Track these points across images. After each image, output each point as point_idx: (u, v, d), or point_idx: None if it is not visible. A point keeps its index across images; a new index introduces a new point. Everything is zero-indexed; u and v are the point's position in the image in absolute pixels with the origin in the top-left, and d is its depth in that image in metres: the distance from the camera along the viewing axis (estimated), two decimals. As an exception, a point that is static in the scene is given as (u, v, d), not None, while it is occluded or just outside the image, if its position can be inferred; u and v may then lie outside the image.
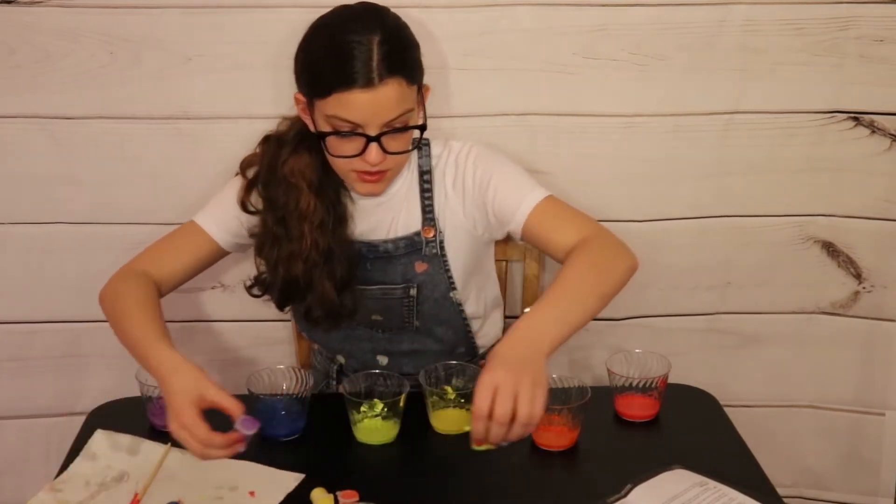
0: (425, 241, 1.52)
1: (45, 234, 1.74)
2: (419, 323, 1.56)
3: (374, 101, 1.35)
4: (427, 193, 1.52)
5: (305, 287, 1.49)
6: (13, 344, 1.82)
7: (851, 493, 2.02)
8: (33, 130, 1.67)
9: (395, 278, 1.53)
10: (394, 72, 1.35)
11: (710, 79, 1.70)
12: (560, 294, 1.32)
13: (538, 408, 1.19)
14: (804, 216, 1.81)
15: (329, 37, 1.39)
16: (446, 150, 1.54)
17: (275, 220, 1.48)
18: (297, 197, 1.47)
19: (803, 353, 1.92)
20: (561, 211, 1.49)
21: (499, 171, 1.51)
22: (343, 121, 1.37)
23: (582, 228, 1.45)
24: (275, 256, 1.49)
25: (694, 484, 1.27)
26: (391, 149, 1.40)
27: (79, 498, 1.29)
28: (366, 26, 1.37)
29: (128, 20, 1.61)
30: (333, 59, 1.36)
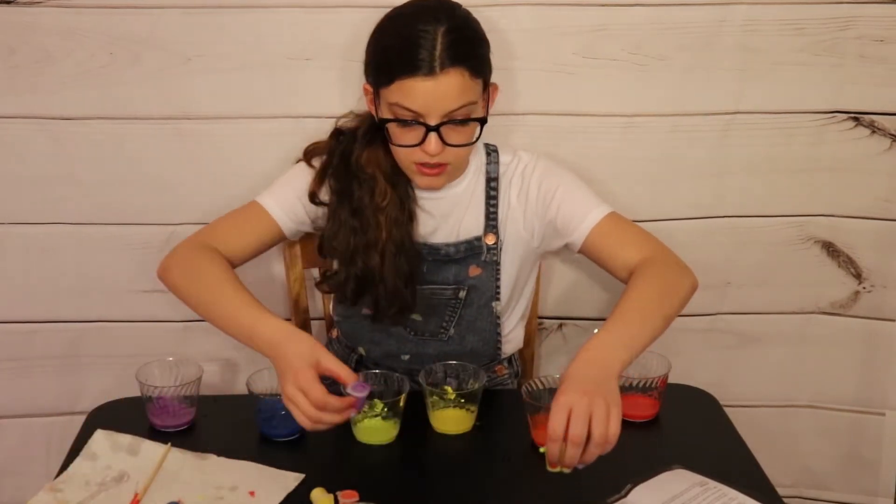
0: (486, 247, 1.54)
1: (45, 234, 1.74)
2: (454, 331, 1.57)
3: (436, 90, 1.36)
4: (493, 200, 1.54)
5: (380, 279, 1.49)
6: (13, 344, 1.82)
7: (851, 493, 2.02)
8: (33, 130, 1.67)
9: (448, 279, 1.55)
10: (457, 62, 1.36)
11: (710, 79, 1.70)
12: (628, 316, 1.33)
13: (613, 428, 1.19)
14: (804, 216, 1.81)
15: (398, 26, 1.41)
16: (515, 159, 1.56)
17: (349, 212, 1.49)
18: (373, 188, 1.48)
19: (803, 353, 1.92)
20: (624, 228, 1.51)
21: (564, 184, 1.53)
22: (404, 109, 1.39)
23: (644, 247, 1.47)
24: (351, 248, 1.49)
25: (694, 484, 1.27)
26: (451, 140, 1.41)
27: (79, 498, 1.29)
28: (434, 17, 1.38)
29: (128, 20, 1.61)
30: (399, 47, 1.38)
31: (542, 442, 1.39)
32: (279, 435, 1.42)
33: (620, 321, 1.32)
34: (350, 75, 1.65)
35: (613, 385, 1.23)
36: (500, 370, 1.66)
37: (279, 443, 1.42)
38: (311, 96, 1.67)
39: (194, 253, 1.47)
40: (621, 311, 1.34)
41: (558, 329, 1.89)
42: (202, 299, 1.42)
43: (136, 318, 1.81)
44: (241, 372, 1.84)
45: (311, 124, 1.68)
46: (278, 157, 1.70)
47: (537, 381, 1.44)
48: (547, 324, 1.88)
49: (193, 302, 1.44)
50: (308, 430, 1.27)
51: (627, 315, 1.34)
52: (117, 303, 1.80)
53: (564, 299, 1.86)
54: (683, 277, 1.45)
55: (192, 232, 1.73)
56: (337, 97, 1.66)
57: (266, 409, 1.42)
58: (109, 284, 1.78)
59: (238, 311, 1.36)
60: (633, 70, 1.68)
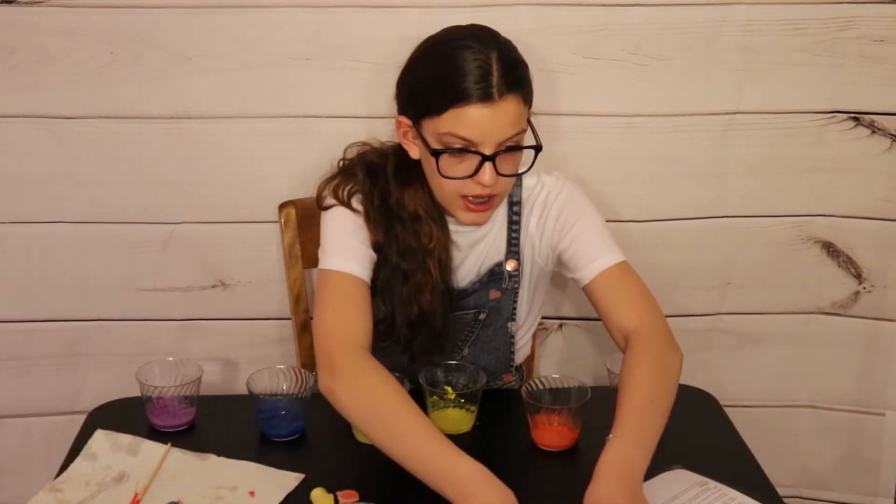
0: (507, 274, 1.52)
1: (45, 234, 1.74)
2: (468, 351, 1.56)
3: (494, 117, 1.32)
4: (515, 226, 1.51)
5: (431, 321, 1.46)
6: (13, 344, 1.82)
7: (851, 493, 2.02)
8: (34, 130, 1.67)
9: (468, 304, 1.53)
10: (512, 88, 1.33)
11: (710, 79, 1.70)
12: (639, 417, 1.28)
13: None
14: (804, 216, 1.81)
15: (444, 54, 1.36)
16: (539, 184, 1.51)
17: (398, 256, 1.44)
18: (417, 230, 1.44)
19: (803, 353, 1.91)
20: (628, 284, 1.46)
21: (583, 219, 1.49)
22: (458, 138, 1.33)
23: (641, 313, 1.43)
24: (405, 292, 1.45)
25: (694, 484, 1.27)
26: (503, 170, 1.37)
27: (79, 498, 1.29)
28: (483, 43, 1.34)
29: (128, 20, 1.61)
30: (451, 74, 1.32)
31: (542, 442, 1.40)
32: (279, 435, 1.42)
33: (634, 425, 1.27)
34: (350, 75, 1.65)
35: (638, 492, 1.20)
36: (507, 378, 1.65)
37: (279, 443, 1.42)
38: (311, 96, 1.67)
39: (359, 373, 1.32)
40: (631, 410, 1.28)
41: (558, 329, 1.89)
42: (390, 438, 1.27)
43: (135, 318, 1.81)
44: (241, 372, 1.84)
45: (311, 124, 1.68)
46: (278, 156, 1.70)
47: (537, 381, 1.44)
48: (547, 324, 1.88)
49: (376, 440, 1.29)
50: None
51: (637, 414, 1.28)
52: (117, 302, 1.80)
53: (564, 299, 1.86)
54: (675, 357, 1.39)
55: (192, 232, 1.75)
56: (337, 97, 1.67)
57: (266, 409, 1.42)
58: (109, 284, 1.78)
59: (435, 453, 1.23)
60: (633, 70, 1.68)
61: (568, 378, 1.44)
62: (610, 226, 1.53)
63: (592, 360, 1.87)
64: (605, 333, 1.86)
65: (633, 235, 1.76)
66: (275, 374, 1.47)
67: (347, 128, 1.65)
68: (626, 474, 1.21)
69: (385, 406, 1.28)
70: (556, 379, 1.44)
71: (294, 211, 1.67)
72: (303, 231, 1.67)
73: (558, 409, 1.39)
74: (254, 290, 1.80)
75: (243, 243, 1.76)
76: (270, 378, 1.46)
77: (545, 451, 1.39)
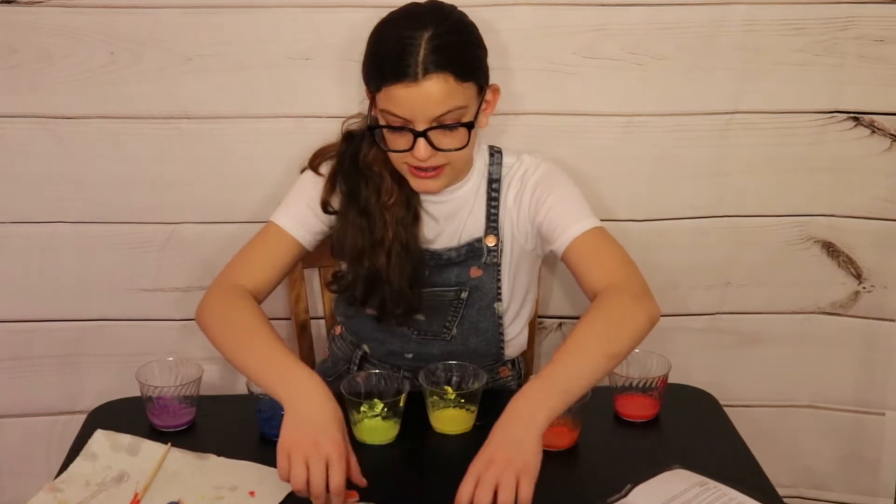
0: (487, 249, 1.53)
1: (45, 234, 1.74)
2: (456, 332, 1.57)
3: (418, 96, 1.36)
4: (494, 202, 1.54)
5: (386, 279, 1.49)
6: (13, 343, 1.82)
7: (851, 493, 2.02)
8: (34, 130, 1.67)
9: (449, 280, 1.55)
10: (440, 67, 1.36)
11: (710, 79, 1.70)
12: (567, 360, 1.31)
13: (523, 495, 1.17)
14: (804, 216, 1.81)
15: (386, 32, 1.42)
16: (518, 161, 1.55)
17: (357, 212, 1.49)
18: (379, 186, 1.49)
19: (803, 353, 1.91)
20: (601, 247, 1.47)
21: (558, 191, 1.51)
22: (392, 115, 1.39)
23: (613, 273, 1.43)
24: (359, 248, 1.49)
25: (694, 484, 1.27)
26: (441, 145, 1.41)
27: (79, 498, 1.29)
28: (421, 22, 1.38)
29: (128, 20, 1.61)
30: (385, 54, 1.39)
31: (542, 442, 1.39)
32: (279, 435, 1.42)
33: (559, 364, 1.30)
34: (350, 75, 1.65)
35: (531, 446, 1.21)
36: (503, 372, 1.65)
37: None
38: (311, 96, 1.67)
39: (224, 299, 1.45)
40: (561, 354, 1.31)
41: (558, 329, 1.89)
42: (235, 350, 1.38)
43: (135, 318, 1.81)
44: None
45: (311, 124, 1.68)
46: (278, 156, 1.70)
47: None
48: (547, 323, 1.88)
49: (225, 351, 1.40)
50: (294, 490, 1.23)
51: (567, 358, 1.31)
52: (117, 302, 1.80)
53: (564, 299, 1.86)
54: (637, 310, 1.38)
55: (191, 232, 1.75)
56: (337, 97, 1.67)
57: (266, 409, 1.42)
58: (109, 284, 1.79)
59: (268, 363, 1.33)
60: (632, 70, 1.68)
61: (568, 378, 1.44)
62: (609, 225, 1.53)
63: (592, 360, 1.87)
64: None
65: (632, 235, 1.76)
66: (275, 374, 1.46)
67: (347, 128, 1.65)
68: (519, 428, 1.23)
69: (237, 319, 1.40)
70: (555, 379, 1.44)
71: (294, 211, 1.67)
72: (303, 231, 1.67)
73: (558, 408, 1.38)
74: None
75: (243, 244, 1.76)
76: (270, 378, 1.46)
77: (546, 450, 1.39)
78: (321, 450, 1.22)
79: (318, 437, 1.23)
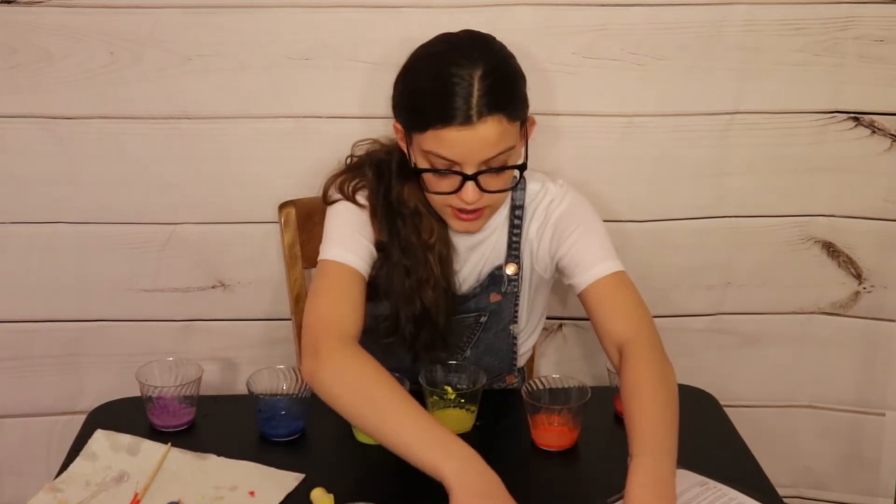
0: (507, 278, 1.52)
1: (45, 234, 1.74)
2: (470, 353, 1.56)
3: (472, 140, 1.31)
4: (516, 230, 1.51)
5: (435, 318, 1.46)
6: (13, 344, 1.82)
7: (851, 493, 2.02)
8: (34, 130, 1.67)
9: (469, 307, 1.53)
10: (494, 109, 1.31)
11: (710, 79, 1.70)
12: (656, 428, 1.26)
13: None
14: (804, 216, 1.81)
15: (430, 69, 1.35)
16: (543, 190, 1.51)
17: (400, 251, 1.44)
18: (418, 225, 1.44)
19: (803, 353, 1.92)
20: (623, 294, 1.43)
21: (582, 228, 1.47)
22: (439, 158, 1.34)
23: (634, 324, 1.40)
24: (406, 288, 1.44)
25: (694, 484, 1.27)
26: (489, 187, 1.36)
27: (79, 498, 1.29)
28: (469, 59, 1.32)
29: (128, 20, 1.61)
30: (433, 94, 1.32)
31: (542, 442, 1.40)
32: (279, 435, 1.42)
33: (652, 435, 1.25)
34: (350, 75, 1.65)
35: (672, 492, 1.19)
36: (509, 380, 1.65)
37: (279, 443, 1.42)
38: (311, 96, 1.67)
39: (345, 359, 1.32)
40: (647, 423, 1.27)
41: (558, 329, 1.89)
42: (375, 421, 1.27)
43: (136, 318, 1.81)
44: (241, 372, 1.84)
45: (311, 124, 1.68)
46: (278, 156, 1.70)
47: (537, 381, 1.44)
48: (547, 324, 1.88)
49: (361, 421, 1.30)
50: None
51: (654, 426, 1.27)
52: (117, 302, 1.80)
53: (564, 299, 1.86)
54: (670, 369, 1.36)
55: (191, 232, 1.74)
56: (337, 97, 1.67)
57: (266, 409, 1.42)
58: (109, 284, 1.78)
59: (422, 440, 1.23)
60: (632, 70, 1.68)
61: (568, 378, 1.44)
62: (609, 226, 1.53)
63: (592, 360, 1.87)
64: (605, 333, 1.87)
65: (632, 235, 1.76)
66: (275, 374, 1.47)
67: (347, 128, 1.65)
68: (660, 490, 1.19)
69: (372, 388, 1.28)
70: (556, 379, 1.45)
71: (294, 211, 1.67)
72: (303, 231, 1.67)
73: (558, 409, 1.39)
74: (254, 291, 1.80)
75: (243, 244, 1.76)
76: (270, 378, 1.46)
77: (545, 451, 1.39)
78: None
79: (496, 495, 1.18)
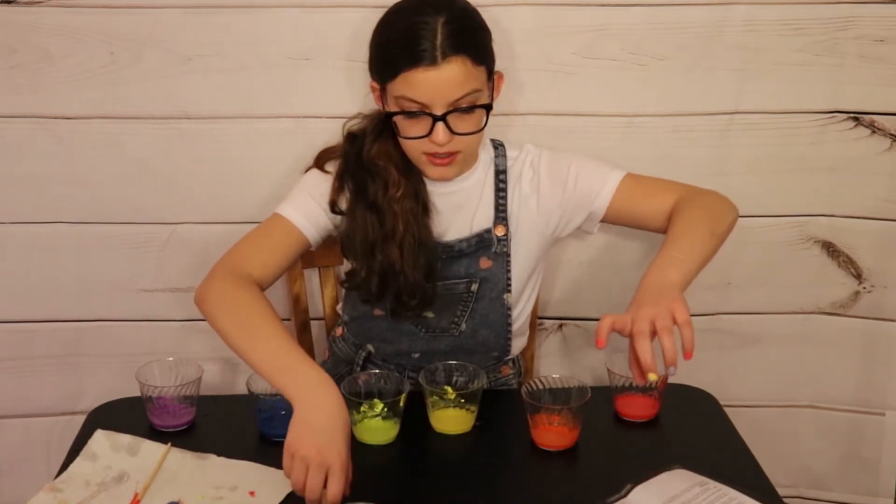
0: (496, 239, 1.54)
1: (45, 234, 1.74)
2: (465, 326, 1.57)
3: (438, 80, 1.37)
4: (502, 193, 1.55)
5: (401, 272, 1.49)
6: (13, 344, 1.82)
7: (851, 493, 2.02)
8: (34, 130, 1.67)
9: (459, 272, 1.55)
10: (458, 50, 1.37)
11: (710, 79, 1.70)
12: (677, 241, 1.41)
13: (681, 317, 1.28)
14: (804, 216, 1.81)
15: (398, 20, 1.42)
16: (522, 152, 1.58)
17: (366, 207, 1.49)
18: (386, 179, 1.49)
19: (803, 353, 1.91)
20: (647, 181, 1.56)
21: (576, 160, 1.56)
22: (410, 101, 1.40)
23: (675, 190, 1.54)
24: (370, 242, 1.49)
25: (694, 484, 1.27)
26: (458, 129, 1.42)
27: (79, 498, 1.29)
28: (433, 8, 1.39)
29: (128, 20, 1.61)
30: (400, 40, 1.39)
31: (542, 442, 1.40)
32: (279, 435, 1.41)
33: (671, 246, 1.39)
34: (350, 75, 1.65)
35: (675, 293, 1.31)
36: (504, 370, 1.66)
37: (279, 443, 1.41)
38: (311, 96, 1.67)
39: (230, 283, 1.43)
40: (670, 240, 1.41)
41: (558, 329, 1.89)
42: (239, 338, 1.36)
43: (135, 318, 1.81)
44: (241, 372, 1.83)
45: (311, 124, 1.68)
46: (278, 156, 1.70)
47: (537, 381, 1.44)
48: (547, 324, 1.88)
49: (230, 339, 1.38)
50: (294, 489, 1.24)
51: (677, 239, 1.41)
52: (117, 302, 1.80)
53: (564, 299, 1.86)
54: (723, 199, 1.52)
55: (192, 232, 1.75)
56: (337, 97, 1.67)
57: (266, 409, 1.42)
58: (109, 284, 1.79)
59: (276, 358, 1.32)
60: (633, 70, 1.68)
61: (568, 378, 1.44)
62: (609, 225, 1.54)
63: (592, 360, 1.87)
64: (605, 333, 1.87)
65: (632, 236, 1.76)
66: (275, 374, 1.46)
67: (347, 128, 1.65)
68: (656, 288, 1.32)
69: (247, 314, 1.37)
70: (556, 379, 1.44)
71: (294, 211, 1.67)
72: (303, 231, 1.67)
73: (558, 409, 1.39)
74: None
75: (243, 243, 1.76)
76: (270, 378, 1.46)
77: (545, 451, 1.39)
78: (324, 458, 1.22)
79: (323, 444, 1.23)
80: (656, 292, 1.31)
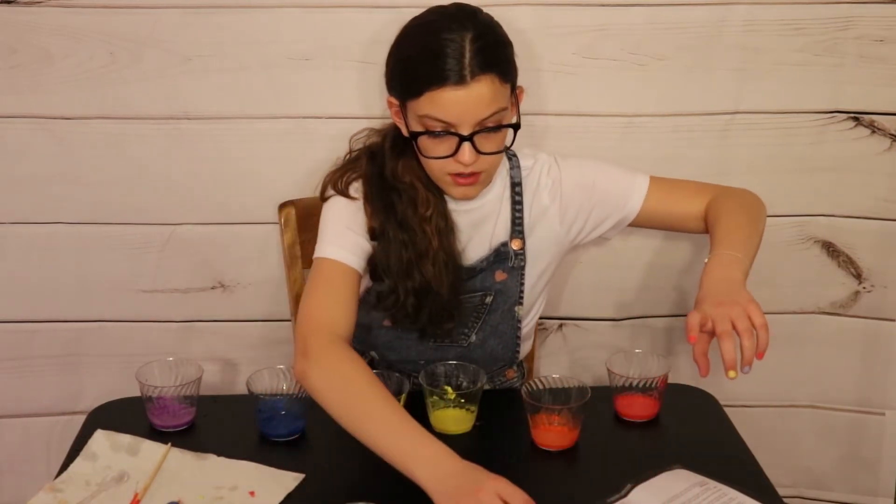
0: (513, 253, 1.52)
1: (45, 234, 1.74)
2: (475, 338, 1.56)
3: (467, 99, 1.33)
4: (518, 206, 1.52)
5: (437, 292, 1.46)
6: (13, 344, 1.82)
7: (851, 493, 2.02)
8: (33, 130, 1.67)
9: (475, 286, 1.53)
10: (486, 69, 1.33)
11: (710, 79, 1.70)
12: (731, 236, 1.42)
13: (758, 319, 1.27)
14: (804, 216, 1.81)
15: (422, 36, 1.38)
16: (537, 162, 1.54)
17: (397, 227, 1.44)
18: (414, 198, 1.45)
19: (803, 353, 1.91)
20: (675, 184, 1.57)
21: (596, 167, 1.55)
22: (435, 120, 1.35)
23: (705, 191, 1.55)
24: (405, 262, 1.44)
25: (694, 484, 1.27)
26: (484, 149, 1.38)
27: (79, 498, 1.29)
28: (459, 24, 1.35)
29: (128, 20, 1.61)
30: (426, 58, 1.34)
31: (542, 442, 1.39)
32: (279, 435, 1.42)
33: (727, 239, 1.41)
34: (350, 76, 1.65)
35: (747, 294, 1.31)
36: (509, 374, 1.65)
37: (279, 443, 1.42)
38: (310, 97, 1.67)
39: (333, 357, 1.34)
40: (722, 238, 1.42)
41: (558, 329, 1.89)
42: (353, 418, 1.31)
43: (136, 318, 1.81)
44: (241, 372, 1.84)
45: (311, 124, 1.68)
46: (278, 156, 1.70)
47: (537, 381, 1.44)
48: (547, 324, 1.88)
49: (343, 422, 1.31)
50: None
51: (729, 239, 1.41)
52: (117, 303, 1.80)
53: (564, 300, 1.86)
54: (756, 197, 1.55)
55: (191, 233, 1.75)
56: (337, 97, 1.67)
57: (266, 409, 1.42)
58: (109, 284, 1.79)
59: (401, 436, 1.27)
60: (633, 70, 1.68)
61: (568, 378, 1.44)
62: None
63: (592, 360, 1.87)
64: (605, 333, 1.88)
65: (633, 236, 1.76)
66: (275, 374, 1.47)
67: (347, 128, 1.64)
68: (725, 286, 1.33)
69: (357, 390, 1.31)
70: (556, 379, 1.44)
71: (294, 211, 1.67)
72: (303, 231, 1.67)
73: (558, 409, 1.39)
74: (254, 291, 1.80)
75: (243, 244, 1.76)
76: (270, 378, 1.46)
77: (545, 451, 1.39)
78: (487, 488, 1.18)
79: (474, 483, 1.19)
80: (726, 290, 1.32)
